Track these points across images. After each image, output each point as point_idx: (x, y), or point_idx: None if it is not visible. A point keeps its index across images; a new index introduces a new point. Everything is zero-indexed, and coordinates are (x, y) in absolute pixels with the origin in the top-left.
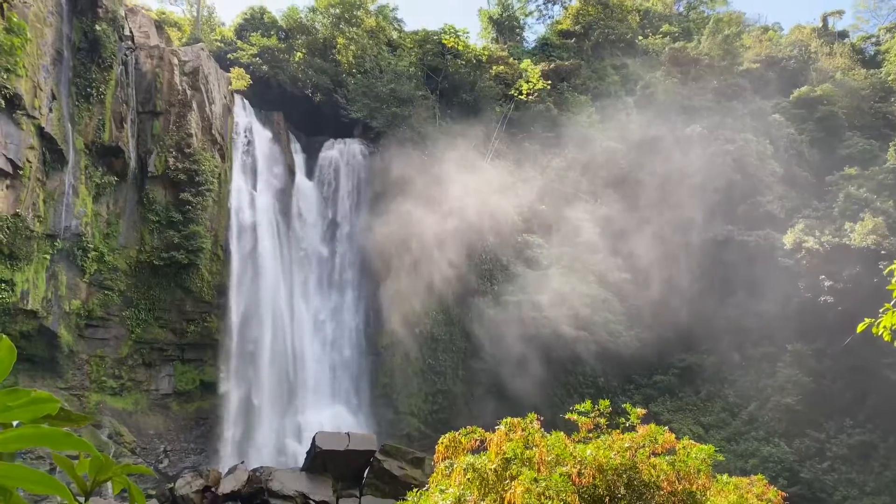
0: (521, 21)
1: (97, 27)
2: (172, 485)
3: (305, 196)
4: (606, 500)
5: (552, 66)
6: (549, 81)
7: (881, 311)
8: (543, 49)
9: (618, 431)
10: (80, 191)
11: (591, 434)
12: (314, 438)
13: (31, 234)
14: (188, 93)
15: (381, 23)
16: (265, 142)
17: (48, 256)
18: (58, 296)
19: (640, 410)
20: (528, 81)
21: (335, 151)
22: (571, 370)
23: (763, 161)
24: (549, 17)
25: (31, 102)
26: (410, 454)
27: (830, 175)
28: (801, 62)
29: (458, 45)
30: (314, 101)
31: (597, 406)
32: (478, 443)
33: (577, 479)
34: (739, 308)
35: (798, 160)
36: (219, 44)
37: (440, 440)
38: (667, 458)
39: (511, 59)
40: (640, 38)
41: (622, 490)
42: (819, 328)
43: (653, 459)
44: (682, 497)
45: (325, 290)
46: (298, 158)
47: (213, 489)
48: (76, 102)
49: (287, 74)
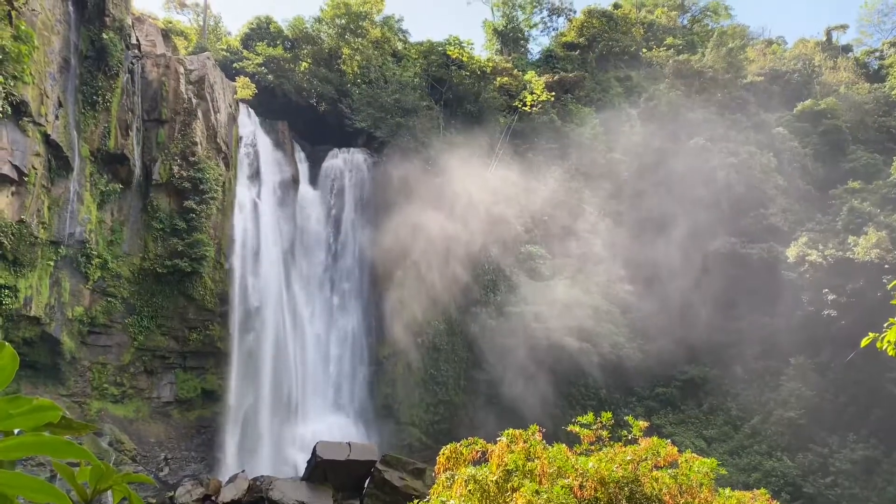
0: (526, 33)
1: (104, 35)
2: (173, 493)
3: (309, 205)
4: None
5: (556, 78)
6: (553, 93)
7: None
8: (547, 61)
9: (620, 444)
10: (85, 198)
11: (594, 446)
12: (315, 448)
13: (36, 241)
14: (193, 101)
15: (387, 33)
16: (269, 150)
17: (52, 263)
18: (61, 302)
19: (643, 423)
20: (532, 93)
21: (339, 161)
22: (574, 381)
23: (767, 174)
24: (554, 30)
25: (38, 109)
26: (411, 465)
27: (834, 188)
28: (805, 76)
29: (463, 57)
30: (319, 111)
31: (599, 418)
32: (479, 454)
33: (579, 492)
34: (742, 321)
35: (802, 173)
36: (225, 53)
37: (441, 451)
38: (669, 472)
39: (515, 71)
40: (644, 51)
41: (624, 503)
42: (822, 342)
43: (655, 473)
44: None
45: (328, 299)
46: (302, 167)
47: (214, 498)
48: (82, 110)
49: (292, 84)
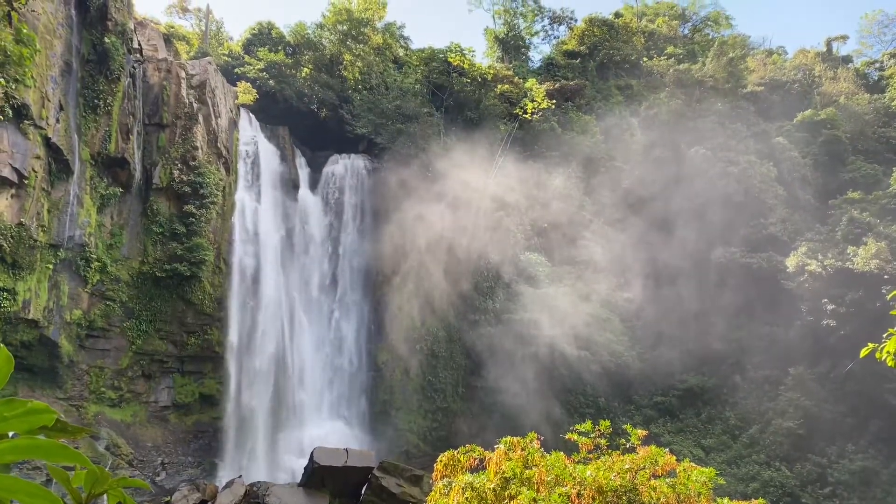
0: (527, 41)
1: (106, 40)
2: (169, 498)
3: (309, 210)
4: None
5: (557, 86)
6: (554, 101)
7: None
8: (548, 69)
9: (618, 452)
10: (85, 201)
11: (592, 455)
12: (312, 454)
13: (35, 244)
14: (195, 106)
15: (388, 40)
16: (270, 156)
17: (51, 266)
18: (59, 305)
19: (641, 431)
20: (533, 100)
21: (339, 166)
22: (572, 389)
23: (766, 183)
24: (555, 38)
25: (39, 112)
26: (409, 472)
27: (834, 199)
28: (805, 86)
29: (464, 64)
30: (320, 117)
31: (597, 426)
32: (477, 461)
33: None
34: (741, 330)
35: (801, 183)
36: (226, 58)
37: (439, 458)
38: (667, 481)
39: (516, 79)
40: (645, 60)
41: None
42: (821, 352)
43: (653, 482)
44: None
45: (327, 305)
46: (303, 173)
47: (210, 503)
48: (83, 113)
49: (293, 89)
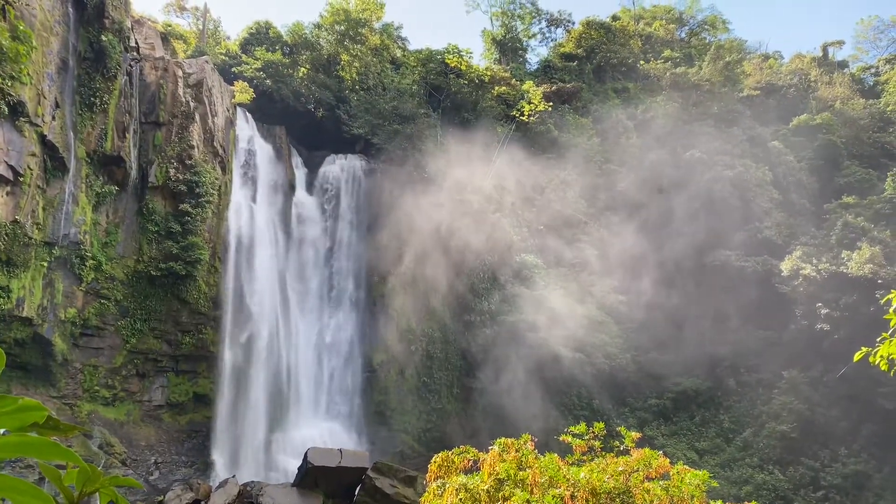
0: (524, 43)
1: (103, 37)
2: (162, 497)
3: (305, 210)
4: None
5: (554, 88)
6: (551, 103)
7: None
8: (545, 71)
9: (612, 455)
10: (80, 199)
11: (585, 457)
12: (306, 454)
13: (30, 241)
14: (191, 105)
15: (386, 41)
16: (266, 155)
17: (45, 264)
18: (53, 304)
19: (635, 434)
20: (530, 102)
21: (336, 167)
22: (566, 391)
23: (762, 187)
24: (552, 40)
25: (35, 110)
26: (403, 472)
27: (828, 203)
28: (801, 90)
29: (461, 65)
30: (316, 117)
31: (591, 428)
32: (471, 463)
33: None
34: (735, 333)
35: (797, 187)
36: (223, 57)
37: (433, 459)
38: (661, 483)
39: (513, 80)
40: (642, 63)
41: None
42: (815, 356)
43: (646, 484)
44: None
45: (322, 305)
46: (299, 173)
47: (203, 503)
48: (79, 111)
49: (290, 89)
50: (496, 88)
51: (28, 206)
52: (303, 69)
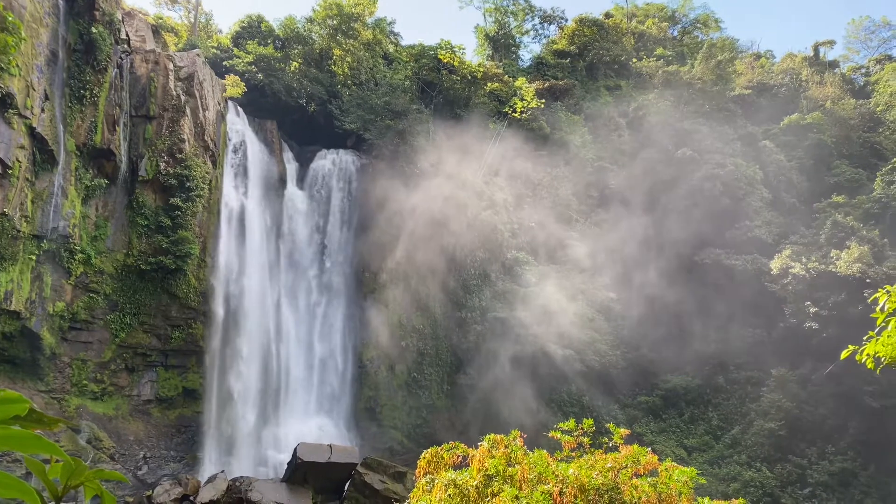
0: (517, 39)
1: (93, 30)
2: (150, 492)
3: (296, 205)
4: None
5: (546, 85)
6: (543, 100)
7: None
8: (538, 68)
9: (601, 451)
10: (69, 192)
11: (574, 453)
12: (295, 449)
13: (18, 234)
14: (182, 98)
15: (378, 36)
16: (257, 150)
17: (34, 257)
18: (42, 297)
19: (624, 430)
20: (523, 99)
21: (327, 162)
22: (557, 388)
23: (752, 186)
24: (545, 37)
25: (24, 102)
26: (392, 468)
27: (818, 202)
28: (792, 90)
29: (454, 61)
30: (308, 111)
31: (580, 425)
32: (460, 458)
33: (559, 499)
34: (725, 331)
35: (786, 186)
36: (215, 50)
37: (422, 455)
38: (649, 480)
39: (506, 77)
40: (634, 61)
41: None
42: (803, 354)
43: (635, 481)
44: None
45: (313, 300)
46: (290, 167)
47: (192, 498)
48: (69, 104)
49: (282, 83)
50: (489, 85)
51: (17, 199)
52: (295, 63)
